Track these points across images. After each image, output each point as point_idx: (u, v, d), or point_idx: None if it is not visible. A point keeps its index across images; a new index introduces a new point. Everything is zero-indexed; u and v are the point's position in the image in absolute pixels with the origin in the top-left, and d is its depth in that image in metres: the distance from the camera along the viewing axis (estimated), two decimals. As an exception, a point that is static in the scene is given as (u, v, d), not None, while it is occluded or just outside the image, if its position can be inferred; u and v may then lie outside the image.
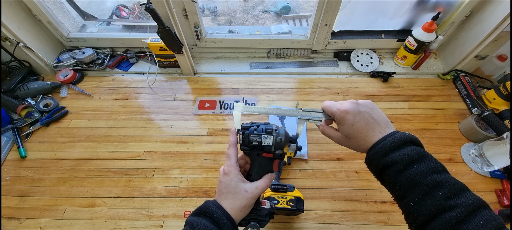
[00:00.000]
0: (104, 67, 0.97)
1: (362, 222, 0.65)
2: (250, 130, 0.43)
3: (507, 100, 0.79)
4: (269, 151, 0.43)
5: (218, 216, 0.38)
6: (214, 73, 0.99)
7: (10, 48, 0.84)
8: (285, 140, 0.43)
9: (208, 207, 0.40)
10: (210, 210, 0.39)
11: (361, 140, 0.39)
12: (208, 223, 0.38)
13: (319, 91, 0.92)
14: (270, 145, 0.42)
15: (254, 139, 0.42)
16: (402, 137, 0.36)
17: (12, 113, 0.84)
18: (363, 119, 0.39)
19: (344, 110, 0.40)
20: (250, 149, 0.43)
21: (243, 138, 0.43)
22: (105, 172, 0.73)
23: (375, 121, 0.39)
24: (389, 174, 0.36)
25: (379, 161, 0.37)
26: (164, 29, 0.71)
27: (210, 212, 0.39)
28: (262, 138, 0.42)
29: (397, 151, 0.36)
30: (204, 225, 0.38)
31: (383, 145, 0.36)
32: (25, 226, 0.65)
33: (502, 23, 0.74)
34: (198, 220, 0.39)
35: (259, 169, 0.44)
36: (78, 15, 1.07)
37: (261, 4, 2.69)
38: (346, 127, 0.40)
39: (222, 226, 0.38)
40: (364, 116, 0.39)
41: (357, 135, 0.39)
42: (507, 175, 0.70)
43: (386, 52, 1.03)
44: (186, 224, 0.40)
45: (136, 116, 0.85)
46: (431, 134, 0.80)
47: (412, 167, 0.34)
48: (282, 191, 0.60)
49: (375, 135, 0.38)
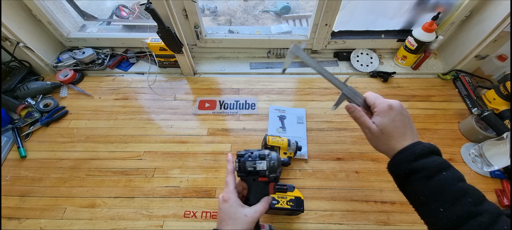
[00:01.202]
0: (104, 67, 0.97)
1: (362, 222, 0.65)
2: (245, 157, 0.47)
3: (507, 100, 0.79)
4: (264, 175, 0.46)
5: None
6: (214, 73, 0.99)
7: (10, 48, 0.84)
8: (278, 164, 0.47)
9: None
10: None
11: (392, 139, 0.41)
12: None
13: (319, 91, 0.92)
14: (264, 169, 0.46)
15: (250, 165, 0.46)
16: (430, 146, 0.39)
17: (12, 113, 0.84)
18: (402, 120, 0.41)
19: (389, 104, 0.42)
20: (246, 175, 0.47)
21: (239, 165, 0.46)
22: (105, 172, 0.73)
23: (411, 128, 0.42)
24: (417, 179, 0.37)
25: (408, 165, 0.38)
26: (164, 29, 0.71)
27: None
28: (256, 164, 0.46)
29: (426, 158, 0.37)
30: None
31: (413, 150, 0.38)
32: (25, 226, 0.65)
33: (502, 23, 0.74)
34: None
35: (256, 193, 0.46)
36: (78, 15, 1.07)
37: (261, 4, 2.69)
38: (386, 120, 0.41)
39: None
40: (404, 119, 0.42)
41: (393, 132, 0.41)
42: (507, 175, 0.70)
43: (386, 52, 1.03)
44: None
45: (136, 115, 0.85)
46: (431, 134, 0.80)
47: (440, 174, 0.36)
48: (282, 191, 0.60)
49: (406, 140, 0.40)
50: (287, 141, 0.70)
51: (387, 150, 0.41)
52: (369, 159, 0.75)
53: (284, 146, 0.70)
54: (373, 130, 0.42)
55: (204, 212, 0.66)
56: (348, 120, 0.84)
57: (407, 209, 0.66)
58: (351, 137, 0.80)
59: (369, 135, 0.44)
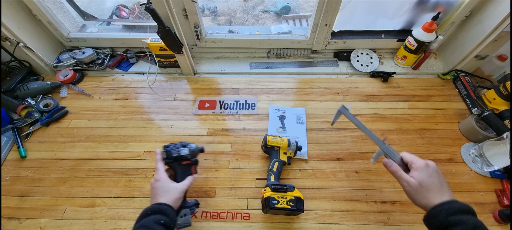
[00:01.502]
0: (104, 67, 0.97)
1: (362, 222, 0.65)
2: (170, 147, 0.60)
3: (507, 100, 0.79)
4: (187, 158, 0.60)
5: (160, 207, 0.48)
6: (214, 73, 0.99)
7: (10, 48, 0.84)
8: (197, 150, 0.62)
9: (148, 209, 0.49)
10: (151, 208, 0.49)
11: (431, 193, 0.45)
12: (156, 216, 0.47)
13: (319, 91, 0.92)
14: (187, 154, 0.60)
15: (175, 152, 0.60)
16: (467, 206, 0.43)
17: (12, 113, 0.84)
18: (439, 178, 0.47)
19: (427, 163, 0.48)
20: (172, 161, 0.60)
21: (167, 153, 0.59)
22: (105, 172, 0.73)
23: (447, 187, 0.47)
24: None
25: (447, 218, 0.41)
26: (164, 29, 0.71)
27: (151, 209, 0.48)
28: (180, 150, 0.60)
29: (464, 214, 0.42)
30: (154, 219, 0.46)
31: (453, 205, 0.43)
32: (25, 226, 0.65)
33: (502, 23, 0.74)
34: (145, 220, 0.46)
35: (181, 174, 0.59)
36: (78, 15, 1.07)
37: (261, 4, 2.69)
38: (424, 174, 0.46)
39: (167, 213, 0.48)
40: (440, 177, 0.47)
41: (431, 186, 0.45)
42: (507, 175, 0.70)
43: (386, 52, 1.03)
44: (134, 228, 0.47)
45: (136, 115, 0.85)
46: (431, 134, 0.80)
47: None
48: (282, 191, 0.60)
49: (444, 195, 0.45)
50: (287, 141, 0.70)
51: (425, 203, 0.45)
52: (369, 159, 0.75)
53: (284, 146, 0.70)
54: (412, 183, 0.47)
55: (204, 212, 0.66)
56: (348, 120, 0.84)
57: (407, 209, 0.66)
58: (351, 137, 0.80)
59: (408, 188, 0.48)
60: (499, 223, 0.64)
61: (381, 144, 0.55)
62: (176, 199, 0.52)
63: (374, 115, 0.85)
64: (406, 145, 0.78)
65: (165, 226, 0.46)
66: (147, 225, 0.45)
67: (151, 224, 0.45)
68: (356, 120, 0.59)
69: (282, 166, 0.68)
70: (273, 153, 0.70)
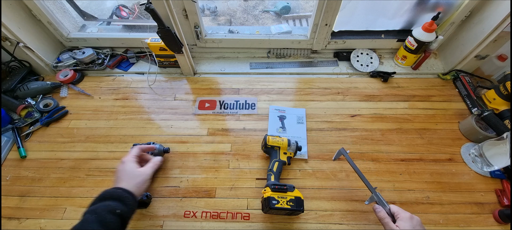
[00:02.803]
0: (104, 67, 0.97)
1: (362, 222, 0.65)
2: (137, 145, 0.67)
3: (507, 100, 0.79)
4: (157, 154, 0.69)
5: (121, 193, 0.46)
6: (214, 73, 0.99)
7: (10, 48, 0.84)
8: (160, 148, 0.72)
9: (107, 192, 0.46)
10: (110, 193, 0.46)
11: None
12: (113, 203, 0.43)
13: (319, 91, 0.92)
14: None
15: None
16: None
17: (12, 113, 0.84)
18: None
19: (411, 216, 0.52)
20: None
21: None
22: (105, 172, 0.73)
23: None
24: None
25: None
26: (164, 29, 0.71)
27: (110, 194, 0.45)
28: None
29: None
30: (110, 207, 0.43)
31: None
32: (25, 226, 0.65)
33: (502, 23, 0.74)
34: (99, 206, 0.43)
35: None
36: (78, 15, 1.07)
37: (261, 4, 2.69)
38: (407, 224, 0.50)
39: (126, 201, 0.45)
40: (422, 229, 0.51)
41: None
42: (507, 175, 0.70)
43: (386, 52, 1.03)
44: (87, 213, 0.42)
45: (136, 115, 0.85)
46: (431, 134, 0.80)
47: None
48: (282, 191, 0.60)
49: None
50: (287, 141, 0.70)
51: None
52: (369, 159, 0.75)
53: (284, 146, 0.70)
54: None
55: (204, 212, 0.66)
56: (348, 120, 0.84)
57: (407, 209, 0.66)
58: (351, 137, 0.80)
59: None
60: (499, 223, 0.64)
61: (373, 190, 0.60)
62: (140, 184, 0.51)
63: (374, 114, 0.85)
64: (406, 145, 0.78)
65: (120, 217, 0.43)
66: (99, 213, 0.41)
67: (104, 212, 0.41)
68: (353, 163, 0.64)
69: (282, 166, 0.68)
70: (273, 153, 0.70)
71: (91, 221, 0.40)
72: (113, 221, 0.41)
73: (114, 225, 0.41)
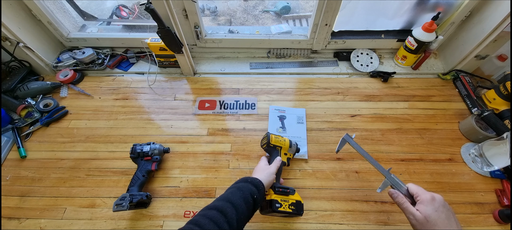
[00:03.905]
0: (104, 67, 0.97)
1: (362, 222, 0.65)
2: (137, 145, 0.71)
3: (507, 100, 0.79)
4: (148, 155, 0.70)
5: (257, 182, 0.53)
6: (214, 73, 0.99)
7: (10, 48, 0.84)
8: (160, 148, 0.72)
9: (248, 178, 0.53)
10: (251, 178, 0.53)
11: (437, 228, 0.44)
12: (252, 188, 0.51)
13: (319, 91, 0.92)
14: (148, 151, 0.70)
15: (138, 149, 0.70)
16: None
17: (12, 113, 0.84)
18: (445, 212, 0.46)
19: (433, 196, 0.47)
20: (136, 156, 0.70)
21: (132, 150, 0.70)
22: (105, 172, 0.73)
23: (455, 221, 0.46)
24: None
25: None
26: (164, 29, 0.71)
27: (251, 179, 0.53)
28: (143, 147, 0.71)
29: None
30: (251, 190, 0.50)
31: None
32: (25, 226, 0.65)
33: (502, 23, 0.74)
34: (244, 185, 0.51)
35: (141, 168, 0.68)
36: (78, 15, 1.07)
37: (261, 4, 2.69)
38: (429, 208, 0.46)
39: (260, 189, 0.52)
40: (447, 211, 0.46)
41: (437, 221, 0.45)
42: (507, 175, 0.70)
43: (386, 52, 1.03)
44: (233, 188, 0.51)
45: (136, 115, 0.85)
46: (431, 134, 0.80)
47: None
48: (285, 194, 0.59)
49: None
50: (289, 142, 0.69)
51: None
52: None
53: (285, 147, 0.68)
54: (418, 217, 0.46)
55: (204, 212, 0.66)
56: (348, 120, 0.84)
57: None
58: (351, 137, 0.80)
59: (414, 221, 0.47)
60: (499, 223, 0.64)
61: (386, 174, 0.56)
62: (268, 176, 0.57)
63: (374, 114, 0.85)
64: (406, 145, 0.78)
65: (254, 202, 0.49)
66: (244, 191, 0.49)
67: (247, 193, 0.49)
68: (360, 149, 0.60)
69: (282, 167, 0.67)
70: (274, 152, 0.67)
71: (238, 197, 0.48)
72: (251, 203, 0.49)
73: (251, 206, 0.49)
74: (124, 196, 0.60)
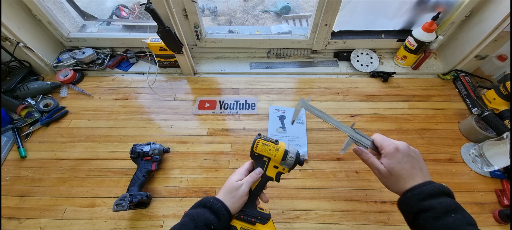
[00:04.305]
0: (104, 67, 0.97)
1: (362, 222, 0.65)
2: (137, 145, 0.71)
3: (507, 100, 0.79)
4: (148, 155, 0.70)
5: (218, 208, 0.42)
6: (214, 73, 0.99)
7: (10, 48, 0.84)
8: (159, 148, 0.72)
9: (208, 200, 0.44)
10: (210, 202, 0.43)
11: (401, 180, 0.43)
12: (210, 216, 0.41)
13: (319, 91, 0.92)
14: (148, 151, 0.70)
15: (138, 148, 0.70)
16: (440, 187, 0.40)
17: (12, 113, 0.84)
18: (410, 162, 0.43)
19: (395, 147, 0.44)
20: (136, 156, 0.70)
21: (132, 150, 0.70)
22: (105, 172, 0.73)
23: (420, 168, 0.43)
24: (425, 218, 0.38)
25: (416, 204, 0.39)
26: (164, 29, 0.71)
27: (210, 204, 0.43)
28: (143, 147, 0.70)
29: (435, 198, 0.38)
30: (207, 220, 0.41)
31: (422, 190, 0.40)
32: (25, 226, 0.65)
33: (502, 23, 0.74)
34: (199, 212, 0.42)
35: (141, 168, 0.68)
36: (78, 15, 1.07)
37: (261, 4, 2.69)
38: (393, 161, 0.44)
39: (221, 217, 0.42)
40: (412, 160, 0.44)
41: (400, 173, 0.43)
42: (507, 175, 0.70)
43: (386, 52, 1.03)
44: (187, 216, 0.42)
45: (136, 115, 0.85)
46: (431, 134, 0.80)
47: (449, 215, 0.37)
48: (249, 222, 0.45)
49: (415, 180, 0.42)
50: (283, 152, 0.48)
51: (397, 190, 0.43)
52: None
53: (276, 159, 0.48)
54: (382, 171, 0.45)
55: (204, 212, 0.66)
56: (348, 120, 0.84)
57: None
58: (351, 137, 0.80)
59: (379, 176, 0.46)
60: (499, 223, 0.64)
61: (349, 131, 0.50)
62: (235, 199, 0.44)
63: (374, 114, 0.85)
64: (406, 145, 0.78)
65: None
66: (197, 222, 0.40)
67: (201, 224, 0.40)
68: (318, 111, 0.53)
69: (265, 184, 0.50)
70: (260, 163, 0.50)
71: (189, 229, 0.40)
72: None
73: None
74: (124, 196, 0.60)
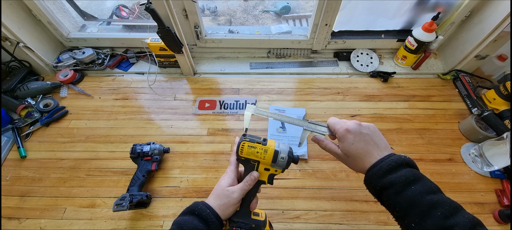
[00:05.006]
0: (104, 67, 0.97)
1: (362, 222, 0.65)
2: (137, 145, 0.71)
3: (507, 100, 0.79)
4: (148, 155, 0.70)
5: (207, 215, 0.40)
6: (214, 73, 0.99)
7: (10, 48, 0.84)
8: (159, 148, 0.71)
9: (196, 206, 0.41)
10: (199, 208, 0.41)
11: (359, 160, 0.41)
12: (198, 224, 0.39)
13: (319, 91, 0.92)
14: (148, 151, 0.70)
15: (138, 148, 0.70)
16: (398, 159, 0.38)
17: (12, 113, 0.84)
18: (363, 140, 0.41)
19: (346, 128, 0.42)
20: (136, 156, 0.70)
21: (132, 149, 0.70)
22: (105, 172, 0.73)
23: (375, 143, 0.41)
24: (388, 195, 0.37)
25: (377, 182, 0.38)
26: (164, 29, 0.71)
27: (199, 211, 0.40)
28: (143, 147, 0.70)
29: (394, 172, 0.37)
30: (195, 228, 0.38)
31: (380, 167, 0.38)
32: (25, 226, 0.65)
33: (502, 23, 0.74)
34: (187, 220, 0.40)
35: (141, 168, 0.67)
36: (78, 15, 1.07)
37: (261, 4, 2.69)
38: (346, 144, 0.42)
39: (210, 225, 0.39)
40: (365, 137, 0.41)
41: (356, 154, 0.41)
42: (507, 175, 0.70)
43: (386, 52, 1.03)
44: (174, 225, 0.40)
45: (136, 115, 0.85)
46: (431, 134, 0.80)
47: (409, 188, 0.35)
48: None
49: (373, 157, 0.40)
50: (273, 153, 0.43)
51: (360, 170, 0.42)
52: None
53: (265, 161, 0.44)
54: (339, 154, 0.44)
55: (204, 212, 0.66)
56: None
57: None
58: (351, 137, 0.79)
59: (339, 159, 0.45)
60: (499, 223, 0.64)
61: (302, 123, 0.49)
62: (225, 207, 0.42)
63: (374, 114, 0.85)
64: (406, 145, 0.78)
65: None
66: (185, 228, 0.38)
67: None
68: (267, 112, 0.51)
69: (258, 189, 0.46)
70: (249, 167, 0.45)
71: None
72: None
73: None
74: (124, 196, 0.60)
